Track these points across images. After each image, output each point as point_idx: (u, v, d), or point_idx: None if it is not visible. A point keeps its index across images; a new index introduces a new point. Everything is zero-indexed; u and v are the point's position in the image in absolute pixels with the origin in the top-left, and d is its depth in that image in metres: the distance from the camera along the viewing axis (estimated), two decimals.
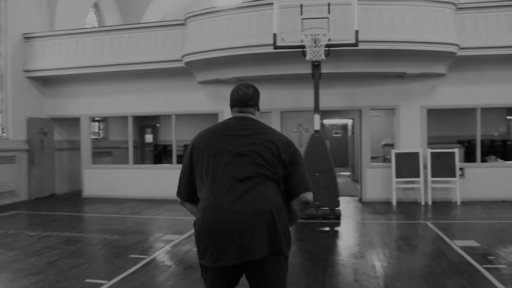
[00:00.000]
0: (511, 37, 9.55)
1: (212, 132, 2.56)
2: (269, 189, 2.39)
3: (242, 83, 2.75)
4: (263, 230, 2.32)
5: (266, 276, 2.39)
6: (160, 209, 9.81)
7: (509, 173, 10.33)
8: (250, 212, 2.31)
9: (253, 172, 2.39)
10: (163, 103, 11.53)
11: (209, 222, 2.35)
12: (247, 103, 2.65)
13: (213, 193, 2.38)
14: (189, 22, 10.26)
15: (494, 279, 4.80)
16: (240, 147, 2.45)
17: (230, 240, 2.30)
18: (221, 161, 2.43)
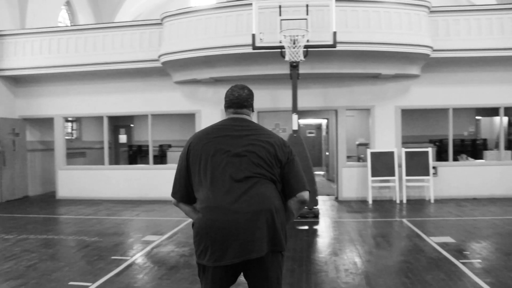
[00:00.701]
0: (481, 41, 9.87)
1: (209, 133, 2.58)
2: (267, 188, 2.43)
3: (236, 85, 2.75)
4: (263, 229, 2.36)
5: (266, 273, 2.44)
6: (138, 210, 9.72)
7: (479, 171, 10.67)
8: (250, 212, 2.35)
9: (251, 172, 2.43)
10: (139, 103, 11.42)
11: (209, 222, 2.37)
12: (242, 104, 2.67)
13: (212, 194, 2.40)
14: (166, 22, 10.20)
15: (471, 272, 4.98)
16: (238, 148, 2.48)
17: (231, 239, 2.33)
18: (219, 162, 2.46)
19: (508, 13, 9.98)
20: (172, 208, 9.84)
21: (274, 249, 2.43)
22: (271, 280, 2.47)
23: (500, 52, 9.89)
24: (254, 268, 2.42)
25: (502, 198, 10.26)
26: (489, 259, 5.54)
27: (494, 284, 4.58)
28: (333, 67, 9.91)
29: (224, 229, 2.34)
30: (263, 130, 2.63)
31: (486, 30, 9.92)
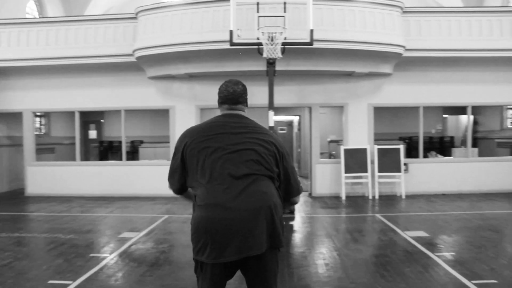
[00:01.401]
0: (451, 41, 10.17)
1: (205, 131, 2.57)
2: (265, 186, 2.46)
3: (230, 80, 2.72)
4: (262, 226, 2.39)
5: (264, 269, 2.48)
6: (111, 206, 9.58)
7: (448, 168, 11.02)
8: (249, 209, 2.36)
9: (250, 169, 2.44)
10: (112, 98, 11.22)
11: (208, 220, 2.37)
12: (237, 100, 2.66)
13: (211, 191, 2.40)
14: (141, 16, 10.06)
15: (446, 264, 5.16)
16: (236, 146, 2.49)
17: (231, 236, 2.34)
18: (217, 160, 2.45)
19: (475, 15, 10.33)
20: (147, 204, 9.78)
21: (273, 245, 2.46)
22: (269, 275, 2.51)
23: (468, 52, 10.21)
24: (253, 264, 2.45)
25: (470, 193, 10.63)
26: (462, 251, 5.75)
27: (468, 275, 4.76)
28: (308, 65, 10.01)
29: (224, 226, 2.34)
30: (261, 129, 2.63)
31: (455, 31, 10.23)
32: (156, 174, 11.08)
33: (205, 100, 11.03)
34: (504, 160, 11.22)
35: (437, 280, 4.69)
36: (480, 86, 10.98)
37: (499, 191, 10.75)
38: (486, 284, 4.50)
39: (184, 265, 5.32)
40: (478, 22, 10.27)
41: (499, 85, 10.99)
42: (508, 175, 10.93)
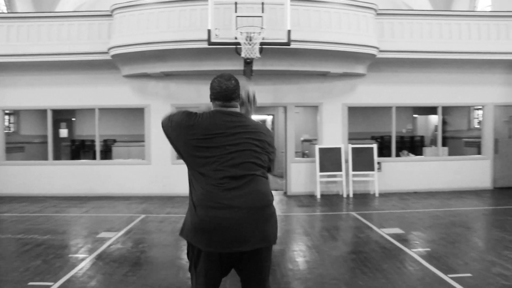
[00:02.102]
0: (422, 43, 10.44)
1: (207, 129, 2.52)
2: (262, 185, 2.53)
3: (222, 75, 2.70)
4: (260, 223, 2.46)
5: (261, 264, 2.56)
6: (86, 206, 9.44)
7: (420, 166, 11.33)
8: (247, 208, 2.43)
9: (247, 170, 2.49)
10: (85, 97, 11.03)
11: (206, 219, 2.41)
12: (230, 96, 2.63)
13: (210, 191, 2.43)
14: (117, 14, 9.94)
15: (422, 259, 5.34)
16: (234, 147, 2.51)
17: (229, 233, 2.40)
18: (216, 161, 2.47)
19: (445, 19, 10.66)
20: (122, 204, 9.68)
21: (268, 241, 2.52)
22: (265, 270, 2.59)
23: (439, 54, 10.53)
24: (249, 259, 2.51)
25: (441, 191, 10.95)
26: (436, 247, 5.95)
27: (444, 269, 4.95)
28: (284, 65, 10.10)
29: (222, 224, 2.40)
30: (254, 126, 2.65)
31: (426, 34, 10.52)
32: (130, 173, 10.99)
33: (180, 99, 10.98)
34: (472, 159, 11.62)
35: (415, 274, 4.85)
36: (449, 87, 11.33)
37: (468, 188, 11.13)
38: (461, 278, 4.68)
39: (166, 264, 5.33)
40: (448, 25, 10.60)
41: (467, 86, 11.37)
42: (476, 173, 11.33)
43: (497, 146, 11.52)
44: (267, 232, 2.50)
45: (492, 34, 10.64)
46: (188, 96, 10.98)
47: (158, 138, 10.97)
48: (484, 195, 10.57)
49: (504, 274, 4.79)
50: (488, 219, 8.06)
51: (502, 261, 5.28)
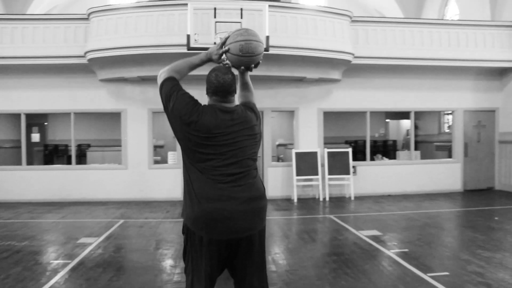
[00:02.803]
0: (395, 50, 10.73)
1: (209, 127, 2.57)
2: (256, 178, 2.68)
3: (219, 69, 2.71)
4: (257, 212, 2.62)
5: (259, 249, 2.68)
6: (63, 212, 9.29)
7: (393, 170, 11.62)
8: (247, 198, 2.57)
9: (244, 166, 2.61)
10: (61, 101, 10.86)
11: (209, 209, 2.52)
12: (228, 91, 2.66)
13: (210, 185, 2.54)
14: (94, 17, 9.85)
15: (402, 260, 5.51)
16: (233, 145, 2.60)
17: (231, 222, 2.54)
18: (215, 157, 2.57)
19: (417, 27, 10.99)
20: (99, 209, 9.57)
21: (261, 226, 2.69)
22: (263, 253, 2.73)
23: (411, 61, 10.83)
24: (246, 246, 2.63)
25: (414, 194, 11.25)
26: (414, 248, 6.14)
27: (423, 268, 5.13)
28: (261, 70, 10.06)
29: (224, 214, 2.52)
30: (250, 121, 2.70)
31: (399, 41, 10.82)
32: (107, 178, 10.87)
33: (158, 104, 10.83)
34: (444, 163, 12.01)
35: (396, 274, 5.01)
36: (421, 93, 11.68)
37: (439, 191, 11.48)
38: (439, 276, 4.86)
39: (149, 268, 5.33)
40: (420, 33, 10.93)
41: (439, 92, 11.75)
42: (447, 177, 11.71)
43: (467, 150, 11.93)
44: (263, 219, 2.68)
45: (462, 42, 11.04)
46: None
47: (135, 143, 10.92)
48: (455, 197, 10.92)
49: (479, 272, 5.00)
50: (460, 221, 8.35)
51: (476, 260, 5.50)
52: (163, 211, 9.33)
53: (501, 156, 11.97)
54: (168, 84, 2.69)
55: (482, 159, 12.00)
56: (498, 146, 12.07)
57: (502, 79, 11.93)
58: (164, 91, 2.68)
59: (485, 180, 12.03)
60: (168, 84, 2.69)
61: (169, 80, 2.71)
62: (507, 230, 7.15)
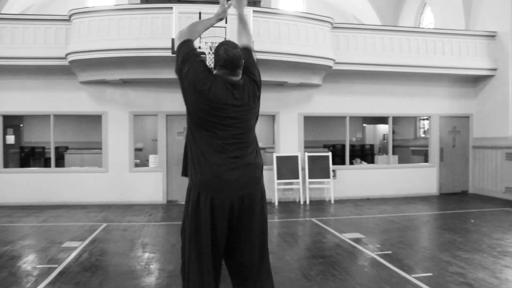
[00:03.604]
0: (374, 56, 10.97)
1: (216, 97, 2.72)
2: (256, 148, 2.93)
3: (227, 42, 2.82)
4: (257, 174, 2.87)
5: (259, 217, 2.91)
6: (42, 215, 9.15)
7: (372, 174, 11.85)
8: (249, 163, 2.81)
9: (245, 138, 2.84)
10: (40, 103, 10.70)
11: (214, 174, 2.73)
12: (236, 65, 2.76)
13: (214, 152, 2.73)
14: (75, 19, 9.76)
15: (386, 262, 5.66)
16: (237, 119, 2.79)
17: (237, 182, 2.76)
18: (220, 127, 2.74)
19: (396, 34, 11.28)
20: (80, 213, 9.47)
21: (262, 193, 2.92)
22: (264, 224, 2.98)
23: (390, 67, 11.11)
24: (251, 202, 2.82)
25: (392, 197, 11.52)
26: (397, 250, 6.31)
27: (407, 270, 5.29)
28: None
29: (227, 177, 2.73)
30: (254, 96, 2.91)
31: (379, 48, 11.08)
32: (87, 181, 10.75)
33: (139, 106, 10.93)
34: (420, 167, 12.32)
35: (382, 276, 5.15)
36: (399, 99, 11.99)
37: (416, 195, 11.78)
38: (423, 277, 5.03)
39: (140, 272, 5.33)
40: (398, 40, 11.22)
41: (416, 98, 12.07)
42: (423, 181, 12.02)
43: (443, 155, 12.27)
44: (259, 181, 2.90)
45: (438, 50, 11.38)
46: (147, 104, 10.94)
47: (116, 146, 10.85)
48: (432, 200, 11.23)
49: (460, 273, 5.19)
50: (439, 223, 8.58)
51: (457, 261, 5.70)
52: (146, 215, 9.30)
53: (474, 161, 12.37)
54: (187, 47, 2.82)
55: (456, 163, 12.37)
56: (472, 151, 12.47)
57: (476, 87, 12.34)
58: (182, 53, 2.80)
59: (460, 184, 12.40)
60: (187, 47, 2.82)
61: (188, 42, 2.85)
62: (484, 232, 7.41)
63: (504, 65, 11.47)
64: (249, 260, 2.87)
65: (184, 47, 2.83)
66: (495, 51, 11.68)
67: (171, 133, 11.25)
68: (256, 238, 2.88)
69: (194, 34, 2.97)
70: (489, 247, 6.45)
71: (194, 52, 2.81)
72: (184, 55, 2.78)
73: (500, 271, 5.32)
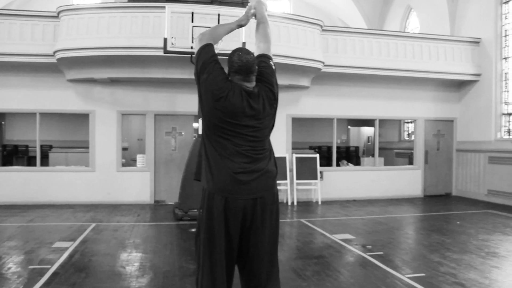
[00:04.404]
0: (362, 59, 11.11)
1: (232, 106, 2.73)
2: (271, 155, 2.97)
3: (241, 49, 2.86)
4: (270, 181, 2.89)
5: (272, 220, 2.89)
6: (28, 215, 8.99)
7: (358, 175, 12.00)
8: (263, 170, 2.82)
9: (260, 145, 2.86)
10: (26, 100, 10.53)
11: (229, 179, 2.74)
12: (250, 70, 2.79)
13: (232, 158, 2.75)
14: (64, 16, 9.63)
15: (379, 262, 5.75)
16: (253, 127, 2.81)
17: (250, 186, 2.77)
18: (236, 134, 2.76)
19: (383, 38, 11.45)
20: (66, 212, 9.35)
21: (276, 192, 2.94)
22: (276, 230, 2.96)
23: (377, 71, 11.26)
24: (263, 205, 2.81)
25: (378, 199, 11.66)
26: (388, 250, 6.41)
27: (400, 270, 5.38)
28: None
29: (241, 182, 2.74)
30: (270, 105, 2.89)
31: (367, 51, 11.23)
32: (73, 180, 10.62)
33: (127, 106, 10.85)
34: (406, 169, 12.52)
35: (377, 276, 5.23)
36: (386, 102, 12.16)
37: (401, 196, 11.97)
38: (417, 277, 5.12)
39: (136, 272, 5.30)
40: (386, 44, 11.39)
41: (402, 101, 12.27)
42: (409, 183, 12.22)
43: (427, 157, 12.49)
44: (274, 185, 2.92)
45: (425, 54, 11.59)
46: (135, 103, 10.87)
47: (103, 145, 10.75)
48: (417, 202, 11.42)
49: (452, 273, 5.31)
50: (426, 225, 8.72)
51: (447, 261, 5.83)
52: (134, 215, 9.23)
53: (458, 164, 12.62)
54: (207, 52, 2.83)
55: (441, 166, 12.61)
56: (455, 154, 12.72)
57: (460, 91, 12.60)
58: (202, 58, 2.81)
59: (443, 186, 12.64)
60: (207, 52, 2.83)
61: (209, 47, 2.86)
62: (470, 234, 7.58)
63: (487, 71, 11.74)
64: (258, 268, 2.88)
65: (205, 51, 2.83)
66: (479, 57, 11.95)
67: (159, 133, 11.20)
68: (267, 245, 2.87)
69: (216, 38, 2.99)
70: (476, 248, 6.60)
71: (214, 58, 2.81)
72: (204, 60, 2.80)
73: (489, 271, 5.45)
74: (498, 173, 11.09)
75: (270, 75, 2.93)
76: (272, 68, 2.96)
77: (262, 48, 3.11)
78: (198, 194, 3.01)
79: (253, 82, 2.84)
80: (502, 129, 11.47)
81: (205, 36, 2.92)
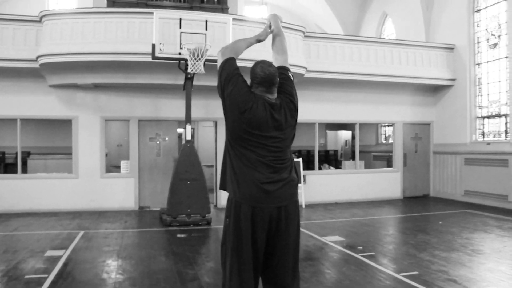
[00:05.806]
0: (338, 65, 11.37)
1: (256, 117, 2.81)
2: (292, 164, 3.01)
3: (263, 61, 2.90)
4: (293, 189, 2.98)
5: (294, 229, 2.97)
6: (12, 224, 8.82)
7: (340, 179, 12.24)
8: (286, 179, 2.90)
9: (283, 155, 2.93)
10: (5, 106, 10.32)
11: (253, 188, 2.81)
12: (272, 82, 2.87)
13: (257, 168, 2.82)
14: (47, 20, 9.50)
15: (373, 262, 5.94)
16: (275, 138, 2.88)
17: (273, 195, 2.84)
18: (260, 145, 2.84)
19: (363, 44, 11.76)
20: (51, 220, 9.22)
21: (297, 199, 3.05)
22: (298, 238, 3.02)
23: (357, 76, 11.57)
24: (287, 214, 2.89)
25: (359, 201, 11.93)
26: (379, 251, 6.62)
27: (394, 269, 5.58)
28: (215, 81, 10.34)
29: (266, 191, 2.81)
30: (291, 116, 2.99)
31: (348, 57, 11.50)
32: (56, 187, 10.47)
33: (111, 111, 10.78)
34: (385, 172, 12.85)
35: (373, 275, 5.40)
36: (366, 106, 12.47)
37: (382, 198, 12.27)
38: (411, 275, 5.32)
39: (139, 279, 5.32)
40: (365, 50, 11.70)
41: (381, 106, 12.61)
42: (388, 185, 12.54)
43: (406, 160, 12.85)
44: (296, 194, 3.00)
45: (403, 60, 11.97)
46: (119, 108, 10.81)
47: (86, 151, 10.63)
48: (397, 204, 11.74)
49: (443, 270, 5.54)
50: (410, 225, 8.96)
51: (437, 259, 6.06)
52: (121, 221, 9.17)
53: (435, 166, 13.03)
54: (231, 65, 2.90)
55: (419, 168, 12.99)
56: (432, 156, 13.13)
57: (436, 95, 13.03)
58: (225, 72, 2.88)
59: (422, 187, 13.03)
60: (231, 65, 2.90)
61: (231, 60, 2.93)
62: (453, 233, 7.88)
63: (462, 76, 12.20)
64: (282, 273, 2.94)
65: (228, 64, 2.91)
66: (454, 63, 12.41)
67: (143, 138, 11.16)
68: (291, 251, 2.94)
69: (237, 52, 3.06)
70: (462, 246, 6.88)
71: (237, 72, 2.89)
72: (228, 74, 2.87)
73: (477, 268, 5.72)
74: (474, 174, 11.52)
75: (290, 87, 3.03)
76: (291, 80, 3.07)
77: (280, 61, 3.17)
78: (187, 200, 3.04)
79: (275, 94, 2.92)
80: (477, 131, 11.93)
81: (227, 50, 3.01)
